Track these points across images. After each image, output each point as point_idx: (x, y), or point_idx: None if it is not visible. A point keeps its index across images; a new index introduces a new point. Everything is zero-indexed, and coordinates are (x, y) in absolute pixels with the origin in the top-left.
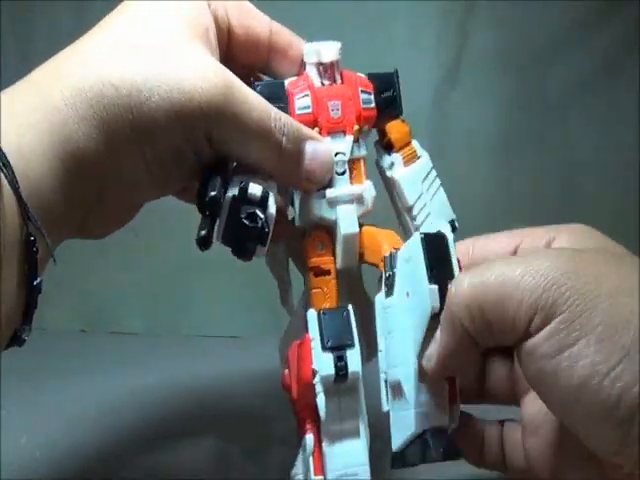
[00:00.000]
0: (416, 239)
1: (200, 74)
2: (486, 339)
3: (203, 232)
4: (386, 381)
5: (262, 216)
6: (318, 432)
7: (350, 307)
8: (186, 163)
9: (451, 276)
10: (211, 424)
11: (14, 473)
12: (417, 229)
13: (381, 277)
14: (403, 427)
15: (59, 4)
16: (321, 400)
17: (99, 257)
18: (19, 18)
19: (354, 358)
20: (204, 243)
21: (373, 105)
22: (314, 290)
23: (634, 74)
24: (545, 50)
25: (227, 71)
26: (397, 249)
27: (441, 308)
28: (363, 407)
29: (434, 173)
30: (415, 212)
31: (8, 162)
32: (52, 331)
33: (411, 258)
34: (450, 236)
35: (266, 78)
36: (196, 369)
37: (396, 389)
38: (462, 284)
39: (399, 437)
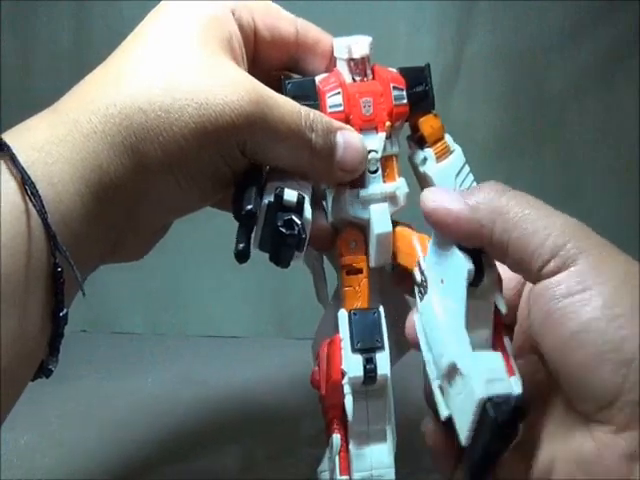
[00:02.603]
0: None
1: (228, 88)
2: (496, 253)
3: (241, 245)
4: (441, 387)
5: (299, 222)
6: (345, 432)
7: (381, 308)
8: (219, 176)
9: (483, 253)
10: (211, 424)
11: (14, 473)
12: None
13: (415, 283)
14: (467, 410)
15: (59, 5)
16: (349, 402)
17: None
18: (19, 19)
19: (383, 361)
20: (242, 256)
21: (405, 101)
22: (346, 288)
23: (634, 74)
24: (545, 50)
25: (255, 81)
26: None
27: (476, 278)
28: (391, 410)
29: (467, 168)
30: None
31: (37, 191)
32: None
33: (439, 244)
34: None
35: (296, 76)
36: (196, 369)
37: (452, 374)
38: (497, 196)
39: (465, 425)
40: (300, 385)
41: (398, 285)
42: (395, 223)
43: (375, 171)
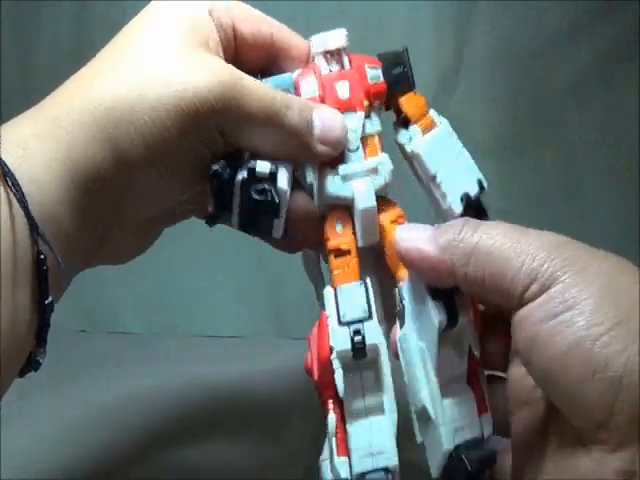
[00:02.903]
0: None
1: (204, 73)
2: (472, 289)
3: (209, 208)
4: (416, 412)
5: (271, 188)
6: (342, 412)
7: (368, 279)
8: (200, 163)
9: (457, 293)
10: (210, 424)
11: (14, 473)
12: (444, 197)
13: (394, 307)
14: (436, 451)
15: (60, 5)
16: (339, 376)
17: None
18: (20, 18)
19: (372, 330)
20: (211, 218)
21: (382, 80)
22: (335, 272)
23: (634, 74)
24: (545, 50)
25: (230, 66)
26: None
27: (449, 324)
28: (388, 380)
29: (455, 136)
30: (439, 179)
31: (17, 181)
32: (52, 331)
33: (415, 282)
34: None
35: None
36: (196, 369)
37: (423, 414)
38: (468, 233)
39: (435, 463)
40: (298, 385)
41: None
42: (380, 201)
43: (356, 149)
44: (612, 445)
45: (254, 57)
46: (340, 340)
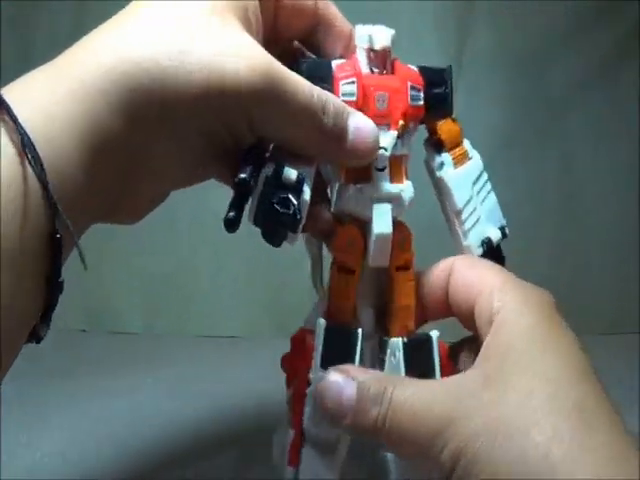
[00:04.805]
0: (397, 341)
1: (240, 58)
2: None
3: (231, 214)
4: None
5: (295, 202)
6: (302, 428)
7: (360, 331)
8: (220, 147)
9: (432, 378)
10: (210, 424)
11: (14, 473)
12: (465, 234)
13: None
14: None
15: (59, 4)
16: (307, 413)
17: (99, 257)
18: (19, 18)
19: None
20: (230, 224)
21: (421, 103)
22: (335, 284)
23: (634, 73)
24: (545, 50)
25: (269, 55)
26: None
27: None
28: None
29: (485, 176)
30: (464, 216)
31: (38, 155)
32: (52, 331)
33: (395, 356)
34: (435, 335)
35: (312, 56)
36: (195, 369)
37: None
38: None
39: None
40: None
41: None
42: (396, 225)
43: (383, 169)
44: None
45: (294, 24)
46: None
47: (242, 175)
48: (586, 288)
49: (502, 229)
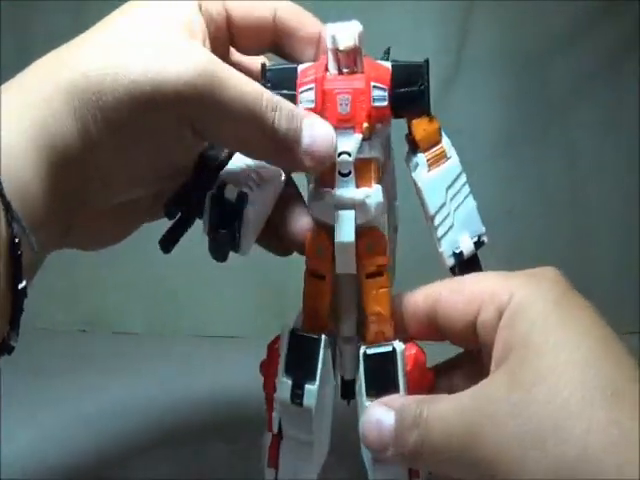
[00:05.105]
0: (362, 353)
1: (178, 58)
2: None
3: (163, 236)
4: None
5: (236, 221)
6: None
7: (323, 337)
8: (168, 159)
9: (395, 391)
10: (211, 424)
11: (14, 473)
12: (439, 241)
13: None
14: None
15: (58, 4)
16: (275, 416)
17: (99, 257)
18: (19, 18)
19: (311, 394)
20: (163, 247)
21: (385, 103)
22: (307, 289)
23: (634, 73)
24: (545, 50)
25: (213, 56)
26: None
27: None
28: (317, 435)
29: (462, 180)
30: (436, 222)
31: None
32: (52, 331)
33: (359, 371)
34: (399, 348)
35: (281, 62)
36: (196, 369)
37: None
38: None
39: None
40: None
41: None
42: (366, 233)
43: (347, 174)
44: None
45: (253, 42)
46: (282, 389)
47: (166, 207)
48: (586, 288)
49: (479, 238)
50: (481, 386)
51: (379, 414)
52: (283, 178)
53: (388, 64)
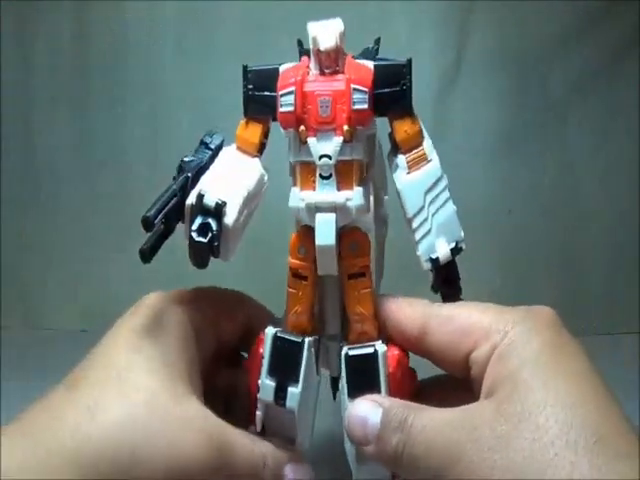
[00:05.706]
0: (344, 354)
1: (195, 440)
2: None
3: (143, 246)
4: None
5: (214, 228)
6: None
7: (307, 340)
8: None
9: (377, 392)
10: None
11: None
12: (416, 244)
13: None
14: None
15: (59, 5)
16: (259, 416)
17: (99, 257)
18: (19, 19)
19: (294, 397)
20: (142, 257)
21: (366, 106)
22: (290, 289)
23: (634, 73)
24: (545, 50)
25: (218, 425)
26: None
27: None
28: (300, 434)
29: (443, 184)
30: (414, 226)
31: None
32: (52, 331)
33: (341, 372)
34: (381, 349)
35: (262, 66)
36: None
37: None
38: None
39: None
40: None
41: None
42: (348, 235)
43: (328, 177)
44: None
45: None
46: (265, 390)
47: (146, 214)
48: (586, 288)
49: (456, 244)
50: (468, 409)
51: (366, 410)
52: (266, 183)
53: (371, 64)
